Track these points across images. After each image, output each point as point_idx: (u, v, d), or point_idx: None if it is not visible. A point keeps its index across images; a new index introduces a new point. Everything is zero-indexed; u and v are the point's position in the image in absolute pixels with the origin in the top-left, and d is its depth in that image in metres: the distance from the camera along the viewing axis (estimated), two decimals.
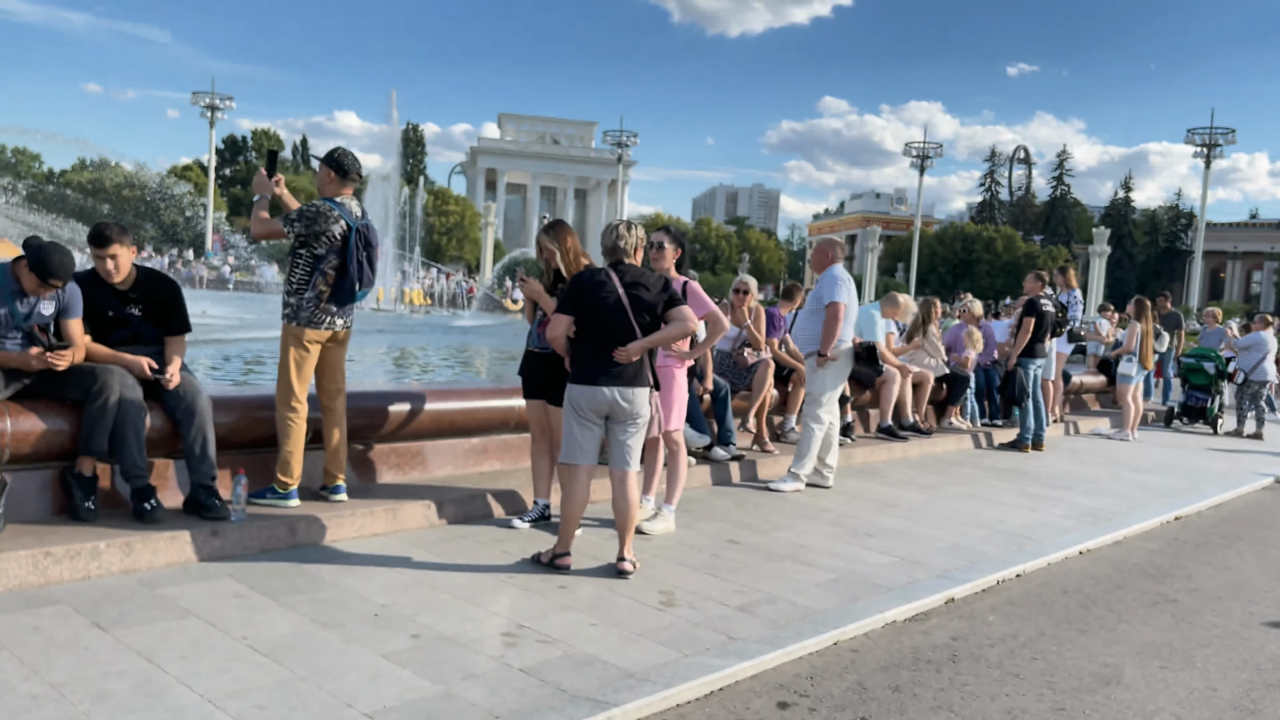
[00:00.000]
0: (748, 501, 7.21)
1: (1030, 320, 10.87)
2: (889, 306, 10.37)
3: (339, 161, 5.30)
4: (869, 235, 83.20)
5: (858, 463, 9.22)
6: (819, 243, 7.95)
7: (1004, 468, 9.75)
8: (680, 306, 5.05)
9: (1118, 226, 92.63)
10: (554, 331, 5.02)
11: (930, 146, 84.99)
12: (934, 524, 7.00)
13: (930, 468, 9.39)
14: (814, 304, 7.80)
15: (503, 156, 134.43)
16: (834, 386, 7.76)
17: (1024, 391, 10.81)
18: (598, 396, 4.92)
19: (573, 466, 5.02)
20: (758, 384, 8.46)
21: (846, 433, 9.72)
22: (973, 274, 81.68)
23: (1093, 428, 13.45)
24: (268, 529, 4.93)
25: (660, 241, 6.00)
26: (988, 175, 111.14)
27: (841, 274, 7.71)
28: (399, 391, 6.19)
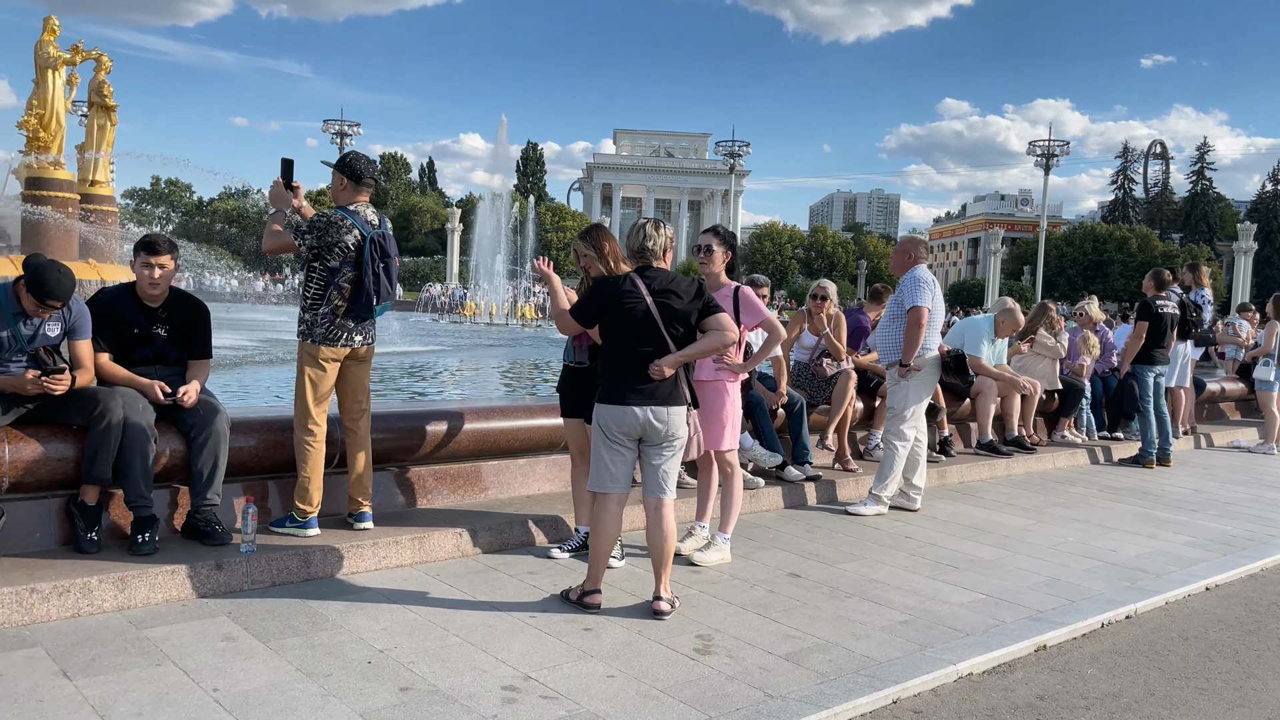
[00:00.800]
0: (820, 527, 6.59)
1: (1144, 324, 9.84)
2: (1004, 319, 9.41)
3: (351, 166, 4.98)
4: (991, 238, 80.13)
5: (953, 482, 8.44)
6: (900, 242, 7.27)
7: (1122, 487, 8.79)
8: (717, 315, 4.53)
9: (1266, 221, 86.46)
10: (567, 331, 4.66)
11: (1056, 144, 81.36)
12: (1032, 553, 6.23)
13: (1036, 487, 8.52)
14: (894, 309, 7.13)
15: (618, 171, 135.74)
16: (918, 400, 7.06)
17: (1135, 402, 9.78)
18: (628, 417, 4.44)
19: (602, 495, 4.55)
20: (838, 397, 7.82)
21: (944, 449, 8.95)
22: (1105, 276, 77.72)
23: (1230, 440, 12.18)
24: (279, 561, 4.62)
25: (708, 244, 5.48)
26: (1120, 172, 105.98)
27: (925, 276, 7.02)
28: (437, 410, 5.84)
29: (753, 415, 7.33)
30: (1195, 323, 10.75)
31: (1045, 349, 10.17)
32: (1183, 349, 11.08)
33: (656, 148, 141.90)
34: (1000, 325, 9.34)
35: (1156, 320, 9.88)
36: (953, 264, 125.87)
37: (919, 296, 6.91)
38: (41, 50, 23.66)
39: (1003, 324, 9.33)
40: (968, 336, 9.35)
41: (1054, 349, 10.16)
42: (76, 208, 24.14)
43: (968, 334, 9.37)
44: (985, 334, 9.30)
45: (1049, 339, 10.35)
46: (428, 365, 19.70)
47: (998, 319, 9.36)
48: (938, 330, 7.13)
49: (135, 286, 4.93)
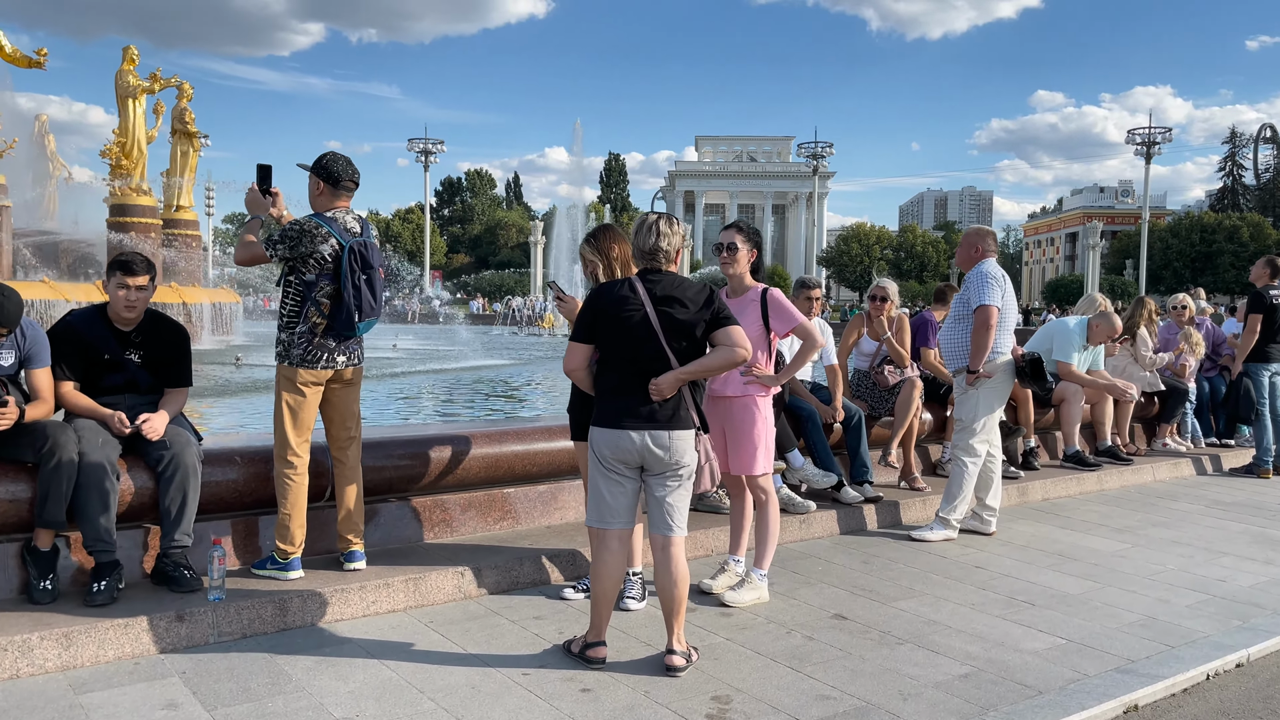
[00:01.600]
0: (879, 557, 5.88)
1: (1257, 318, 8.80)
2: (1099, 324, 8.49)
3: (327, 168, 4.52)
4: (1090, 232, 76.97)
5: (1035, 500, 7.60)
6: (965, 234, 6.51)
7: (1232, 501, 7.81)
8: (728, 328, 3.91)
9: None
10: (571, 363, 4.01)
11: (1158, 131, 77.92)
12: (1125, 585, 5.41)
13: (1131, 503, 7.61)
14: (960, 309, 6.38)
15: (699, 178, 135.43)
16: (989, 410, 6.29)
17: (1250, 405, 8.75)
18: (624, 443, 3.86)
19: (601, 532, 3.98)
20: (901, 407, 7.08)
21: (1028, 462, 8.11)
22: (1214, 267, 73.88)
23: None
24: (251, 610, 4.17)
25: (731, 241, 4.85)
26: (1228, 159, 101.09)
27: (994, 271, 6.26)
28: (442, 434, 5.34)
29: (805, 431, 6.67)
30: None
31: (1141, 356, 9.21)
32: None
33: (739, 153, 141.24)
34: (1094, 331, 8.44)
35: (1271, 312, 8.83)
36: (1049, 260, 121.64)
37: (987, 294, 6.16)
38: (121, 79, 24.29)
39: (1097, 329, 8.43)
40: (1057, 341, 8.48)
41: (1145, 359, 9.21)
42: (159, 233, 24.71)
43: (1057, 338, 8.50)
44: (1076, 341, 8.41)
45: (1149, 340, 9.38)
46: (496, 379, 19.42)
47: (1091, 323, 8.46)
48: (1010, 331, 6.35)
49: (107, 308, 4.56)
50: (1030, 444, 8.17)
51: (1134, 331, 9.38)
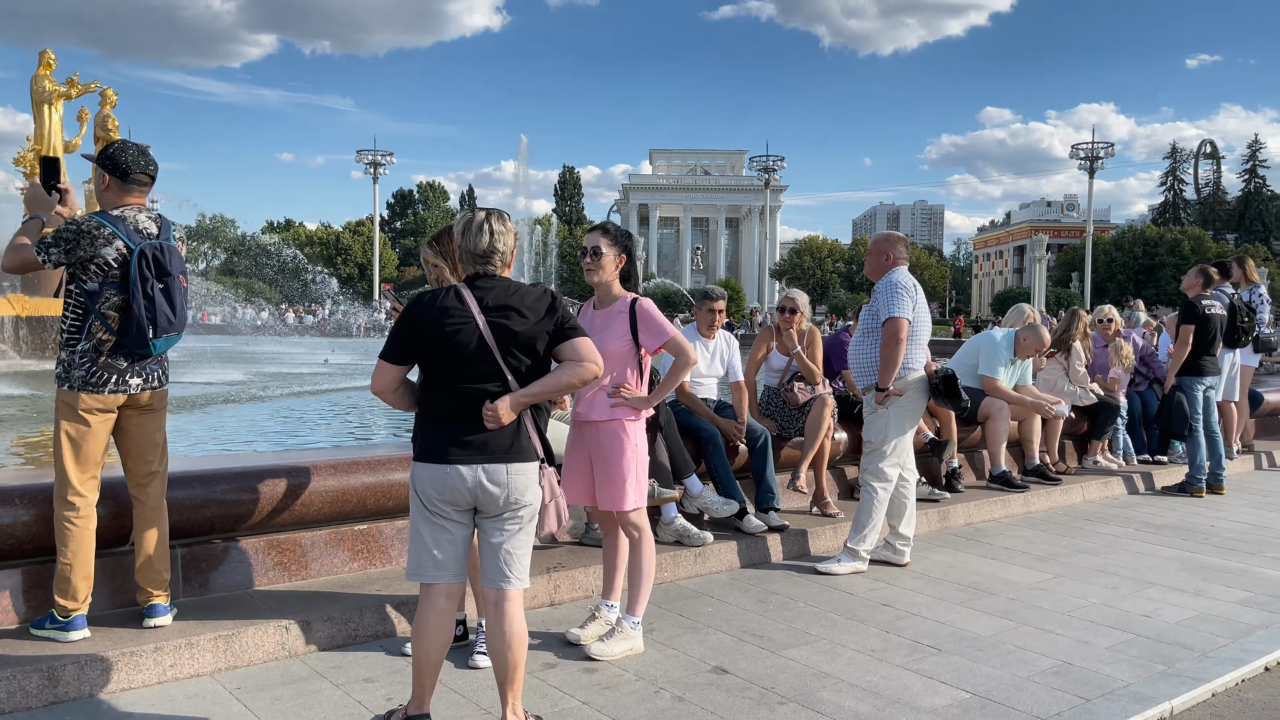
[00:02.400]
0: (778, 594, 5.34)
1: (1189, 329, 8.45)
2: (1026, 338, 8.07)
3: (114, 159, 3.88)
4: (1036, 245, 78.04)
5: (958, 524, 7.13)
6: (874, 241, 6.03)
7: (1163, 524, 7.40)
8: (574, 340, 3.35)
9: None
10: (379, 383, 3.41)
11: (1100, 146, 79.56)
12: (1043, 623, 4.93)
13: (1058, 527, 7.17)
14: (868, 322, 5.89)
15: (654, 191, 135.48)
16: (900, 431, 5.80)
17: (1185, 420, 8.39)
18: (452, 480, 3.27)
19: (425, 588, 3.38)
20: (812, 427, 6.57)
21: (952, 483, 7.64)
22: (1157, 280, 75.14)
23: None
24: (12, 681, 3.51)
25: (595, 245, 4.29)
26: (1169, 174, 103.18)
27: (904, 280, 5.78)
28: (277, 465, 4.70)
29: (705, 454, 6.14)
30: (1247, 327, 9.30)
31: (1075, 369, 8.82)
32: (1231, 358, 9.65)
33: (693, 166, 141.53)
34: (1022, 344, 8.01)
35: (1204, 324, 8.48)
36: (998, 272, 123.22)
37: (896, 305, 5.68)
38: (37, 84, 23.24)
39: (1025, 342, 8.00)
40: (983, 355, 8.04)
41: (1079, 374, 8.82)
42: None
43: (983, 352, 8.06)
44: (1003, 355, 7.97)
45: (1084, 355, 8.99)
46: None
47: (1019, 336, 8.03)
48: (922, 346, 5.87)
49: None
50: (954, 464, 7.71)
51: (1068, 345, 9.00)
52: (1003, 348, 8.00)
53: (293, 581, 4.68)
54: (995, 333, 8.21)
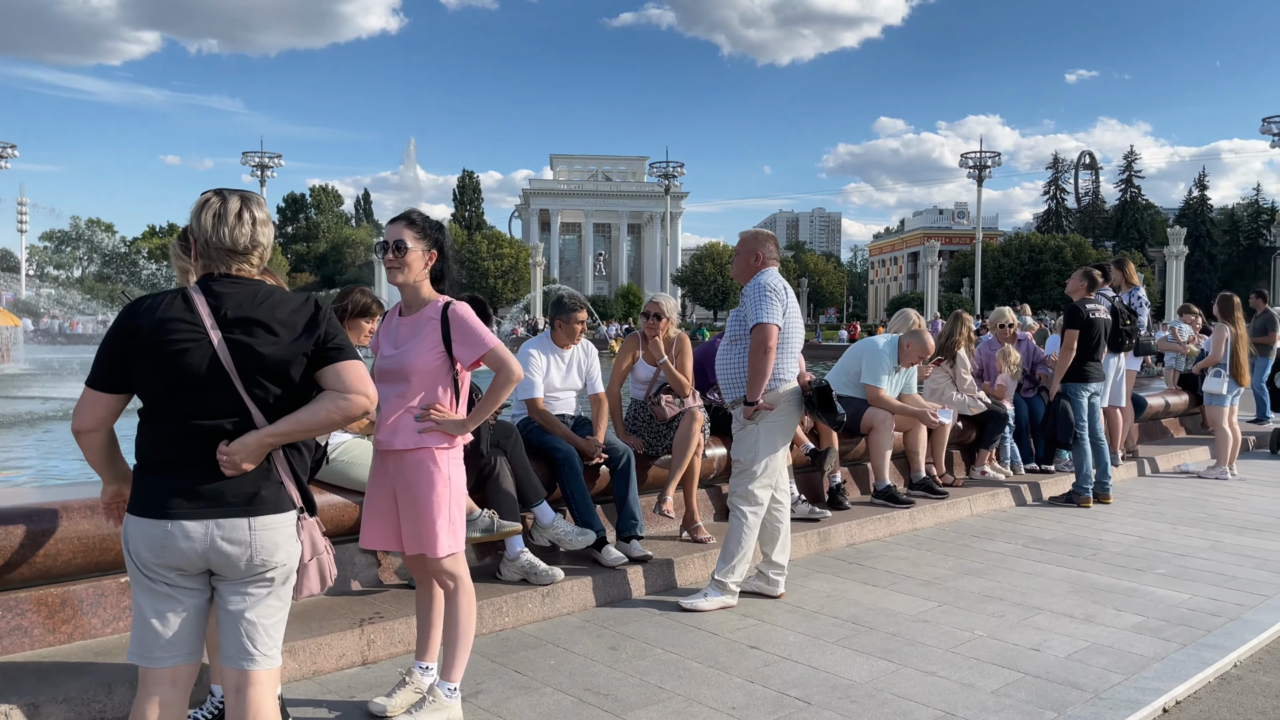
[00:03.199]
0: (634, 639, 4.71)
1: (1074, 333, 8.18)
2: (910, 344, 7.64)
3: None
4: (928, 252, 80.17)
5: (839, 545, 6.64)
6: (741, 240, 5.47)
7: (1051, 538, 7.05)
8: (338, 365, 2.64)
9: (1194, 227, 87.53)
10: (81, 420, 2.65)
11: (988, 155, 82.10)
12: (924, 662, 4.43)
13: (945, 545, 6.75)
14: (736, 328, 5.33)
15: (555, 196, 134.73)
16: (771, 449, 5.24)
17: (1070, 428, 8.11)
18: (173, 540, 2.54)
19: (144, 672, 2.64)
20: (680, 443, 5.98)
21: (836, 498, 7.16)
22: (1042, 285, 77.81)
23: (1177, 464, 10.59)
24: None
25: (398, 240, 3.58)
26: (1051, 183, 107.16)
27: (773, 283, 5.24)
28: (13, 507, 3.86)
29: (560, 477, 5.49)
30: (1129, 331, 9.12)
31: (960, 376, 8.46)
32: (1115, 362, 9.48)
33: (594, 172, 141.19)
34: (905, 351, 7.58)
35: (1088, 328, 8.22)
36: (893, 279, 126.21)
37: (765, 310, 5.13)
38: None
39: (908, 349, 7.57)
40: (865, 363, 7.60)
41: (964, 380, 8.47)
42: None
43: (865, 359, 7.62)
44: (887, 363, 7.53)
45: (968, 361, 8.64)
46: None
47: (903, 343, 7.61)
48: (794, 354, 5.34)
49: None
50: (837, 479, 7.24)
51: (952, 351, 8.65)
52: (886, 355, 7.57)
53: (33, 649, 3.84)
54: (878, 339, 7.78)
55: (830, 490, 7.21)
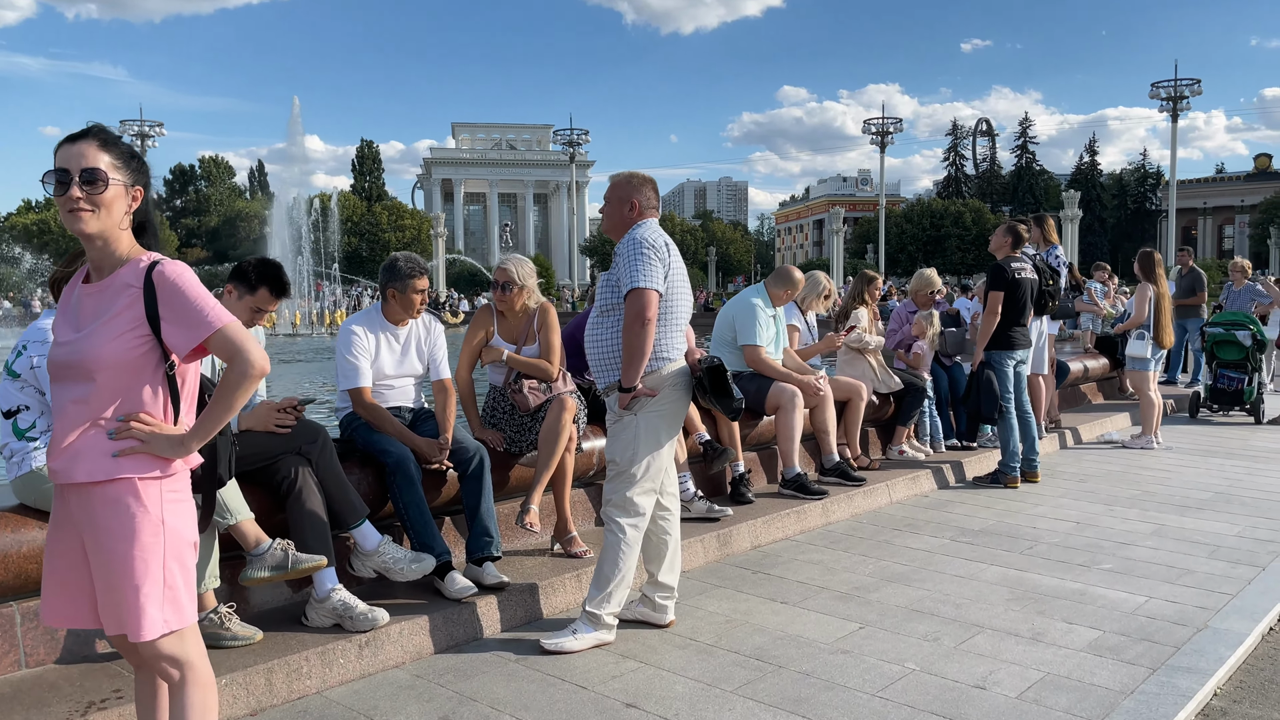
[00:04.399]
0: (476, 699, 3.63)
1: (999, 296, 7.36)
2: (778, 287, 6.77)
3: None
4: (833, 218, 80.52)
5: (743, 549, 5.66)
6: (611, 186, 4.37)
7: (980, 527, 6.21)
8: None
9: (1086, 191, 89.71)
10: None
11: (889, 122, 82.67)
12: (847, 715, 3.46)
13: (863, 543, 5.83)
14: (607, 297, 4.24)
15: (458, 166, 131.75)
16: (655, 445, 4.19)
17: (995, 400, 7.31)
18: None
19: None
20: (548, 438, 4.89)
21: (739, 492, 6.19)
22: (943, 250, 78.90)
23: (1100, 433, 9.97)
24: None
25: (90, 170, 2.36)
26: (950, 150, 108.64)
27: (652, 237, 4.16)
28: None
29: (392, 489, 4.36)
30: (1052, 292, 8.37)
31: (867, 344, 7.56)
32: (1038, 326, 8.74)
33: (498, 141, 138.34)
34: (773, 295, 6.66)
35: (1014, 289, 7.41)
36: (800, 246, 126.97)
37: (641, 271, 4.06)
38: None
39: (775, 292, 6.66)
40: (739, 323, 6.62)
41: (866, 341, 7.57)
42: None
43: (739, 320, 6.64)
44: (760, 314, 6.56)
45: (870, 329, 7.73)
46: None
47: (768, 288, 6.69)
48: (680, 327, 4.29)
49: None
50: (740, 469, 6.26)
51: (847, 309, 7.74)
52: (760, 305, 6.59)
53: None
54: (747, 292, 6.81)
55: (732, 482, 6.24)
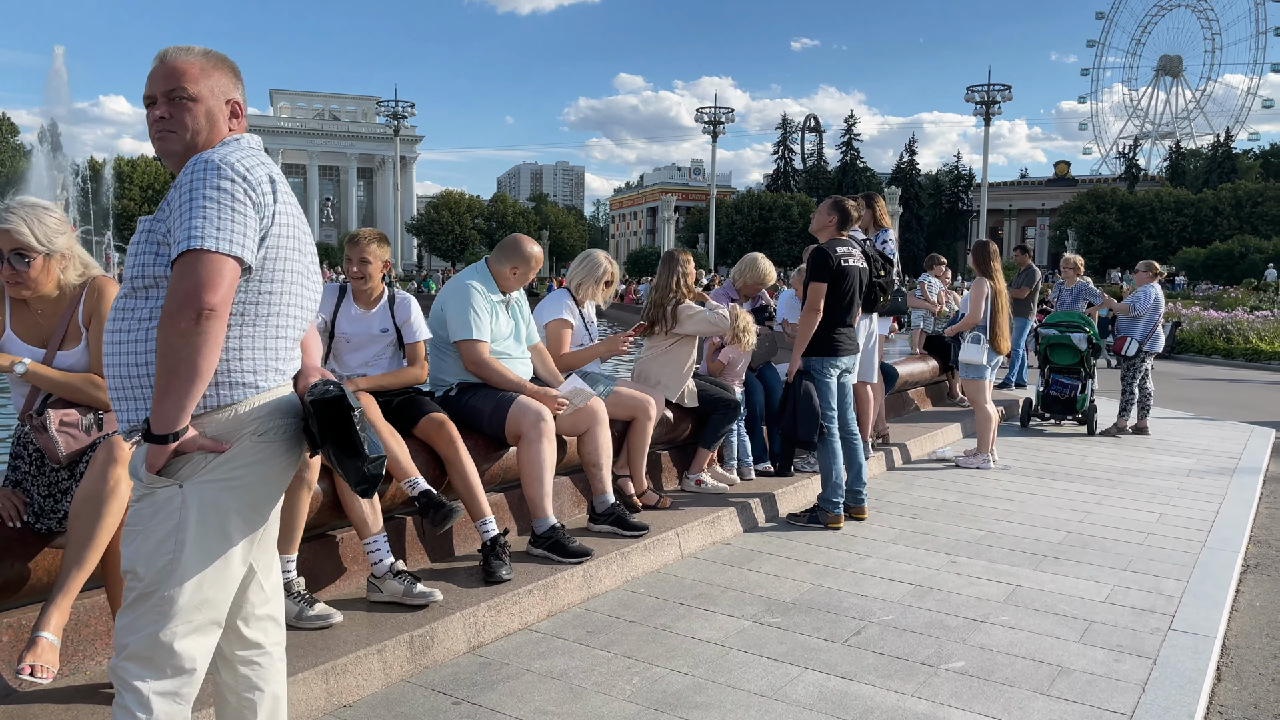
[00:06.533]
0: None
1: (821, 287, 5.86)
2: (502, 264, 4.96)
3: None
4: (665, 206, 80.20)
5: (451, 654, 3.83)
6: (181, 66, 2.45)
7: (794, 597, 4.62)
8: None
9: (906, 189, 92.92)
10: None
11: (721, 111, 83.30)
12: None
13: (635, 634, 4.12)
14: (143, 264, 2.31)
15: (275, 135, 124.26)
16: (214, 546, 2.30)
17: (815, 419, 5.81)
18: None
19: None
20: (83, 512, 2.91)
21: (491, 567, 4.37)
22: (771, 242, 79.65)
23: (932, 449, 8.74)
24: None
25: None
26: (780, 144, 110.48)
27: (242, 162, 2.27)
28: None
29: None
30: (884, 285, 6.97)
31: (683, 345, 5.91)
32: (868, 325, 7.36)
33: (320, 111, 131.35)
34: (500, 276, 4.90)
35: (840, 280, 5.91)
36: (633, 233, 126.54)
37: (209, 223, 2.16)
38: None
39: (501, 272, 4.90)
40: (451, 311, 4.83)
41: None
42: None
43: (450, 307, 4.84)
44: (476, 297, 4.75)
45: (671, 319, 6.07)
46: None
47: (490, 264, 4.95)
48: (290, 329, 2.41)
49: None
50: (490, 530, 4.43)
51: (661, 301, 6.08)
52: (477, 290, 4.78)
53: None
54: (464, 273, 5.01)
55: (483, 550, 4.42)
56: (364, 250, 4.55)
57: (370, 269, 4.57)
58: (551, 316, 5.51)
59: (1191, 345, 21.54)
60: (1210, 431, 10.35)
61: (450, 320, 4.76)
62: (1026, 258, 11.92)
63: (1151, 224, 74.39)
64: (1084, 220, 76.05)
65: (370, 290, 4.63)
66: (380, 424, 4.14)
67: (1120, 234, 74.29)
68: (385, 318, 4.65)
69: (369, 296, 4.64)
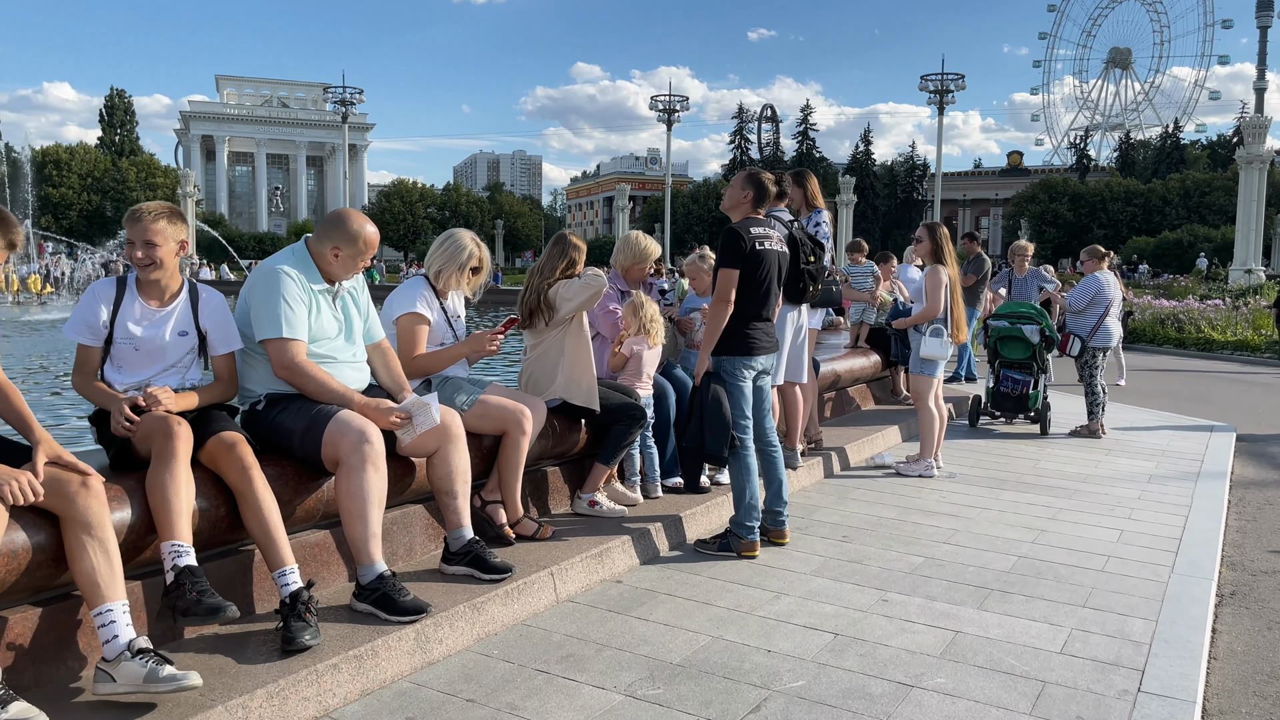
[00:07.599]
0: None
1: (732, 274, 4.97)
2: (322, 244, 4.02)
3: None
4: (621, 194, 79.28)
5: None
6: None
7: (684, 657, 3.73)
8: None
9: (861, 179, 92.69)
10: None
11: (676, 99, 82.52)
12: None
13: (469, 719, 3.24)
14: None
15: (222, 122, 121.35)
16: None
17: (726, 430, 4.95)
18: None
19: None
20: None
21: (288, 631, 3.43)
22: None
23: (871, 454, 7.92)
24: None
25: None
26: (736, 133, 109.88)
27: None
28: None
29: None
30: (814, 272, 6.10)
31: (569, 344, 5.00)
32: (794, 319, 6.51)
33: (268, 97, 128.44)
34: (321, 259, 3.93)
35: (754, 265, 5.03)
36: (590, 222, 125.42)
37: None
38: None
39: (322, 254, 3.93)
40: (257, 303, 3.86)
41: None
42: None
43: (256, 297, 3.89)
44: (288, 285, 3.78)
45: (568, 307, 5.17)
46: None
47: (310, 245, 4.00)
48: None
49: None
50: (290, 583, 3.49)
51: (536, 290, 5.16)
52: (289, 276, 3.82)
53: None
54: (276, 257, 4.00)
55: (282, 608, 3.47)
56: (148, 229, 3.58)
57: (159, 253, 3.60)
58: (402, 310, 4.57)
59: (1144, 335, 21.07)
60: (1168, 430, 9.67)
61: (256, 314, 3.80)
62: (976, 245, 11.19)
63: (1102, 213, 74.91)
64: (1036, 210, 76.40)
65: (161, 282, 3.67)
66: (181, 464, 3.22)
67: (1072, 224, 74.71)
68: (185, 318, 3.70)
69: (161, 290, 3.68)
